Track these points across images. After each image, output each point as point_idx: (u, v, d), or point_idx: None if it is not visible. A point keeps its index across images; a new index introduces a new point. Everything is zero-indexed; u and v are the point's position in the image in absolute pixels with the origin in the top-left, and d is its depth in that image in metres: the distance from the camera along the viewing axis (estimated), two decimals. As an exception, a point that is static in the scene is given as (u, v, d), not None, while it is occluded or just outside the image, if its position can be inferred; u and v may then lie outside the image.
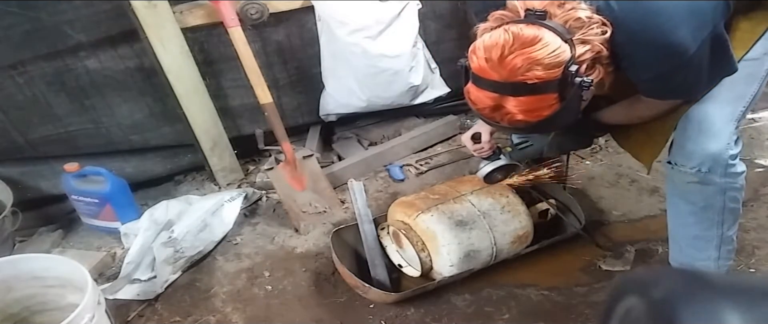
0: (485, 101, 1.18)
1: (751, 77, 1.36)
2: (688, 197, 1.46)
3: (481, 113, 1.23)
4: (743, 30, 1.33)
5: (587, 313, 1.61)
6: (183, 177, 2.46)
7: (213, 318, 1.72)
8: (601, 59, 1.18)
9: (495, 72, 1.13)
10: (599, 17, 1.15)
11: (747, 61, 1.34)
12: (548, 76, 1.11)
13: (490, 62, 1.13)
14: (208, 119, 2.23)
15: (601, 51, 1.16)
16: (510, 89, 1.14)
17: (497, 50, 1.11)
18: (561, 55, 1.11)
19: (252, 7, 2.04)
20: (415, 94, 2.38)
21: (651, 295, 0.48)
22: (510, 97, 1.15)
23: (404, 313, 1.65)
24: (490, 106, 1.19)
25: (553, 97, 1.14)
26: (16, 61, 1.94)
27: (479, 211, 1.70)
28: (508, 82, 1.13)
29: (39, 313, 1.55)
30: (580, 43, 1.13)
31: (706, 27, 1.16)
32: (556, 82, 1.12)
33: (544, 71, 1.10)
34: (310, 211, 2.13)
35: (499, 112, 1.19)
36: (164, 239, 1.87)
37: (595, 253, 1.82)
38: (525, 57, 1.09)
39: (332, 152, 2.53)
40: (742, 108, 1.37)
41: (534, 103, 1.15)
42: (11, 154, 2.12)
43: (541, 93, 1.13)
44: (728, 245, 1.51)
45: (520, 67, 1.10)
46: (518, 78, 1.11)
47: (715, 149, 1.34)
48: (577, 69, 1.12)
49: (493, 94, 1.16)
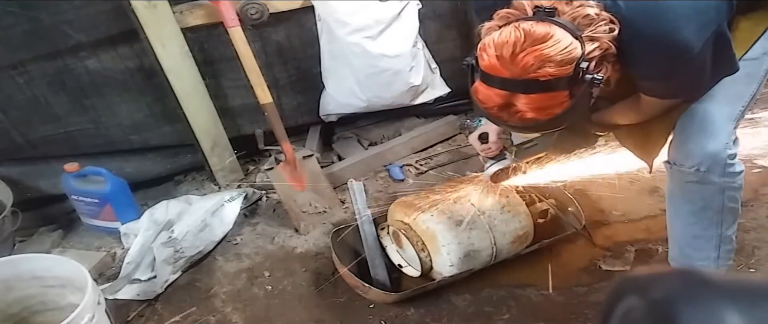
0: (495, 100, 1.17)
1: (751, 77, 1.37)
2: (687, 196, 1.46)
3: (489, 112, 1.21)
4: (743, 30, 1.33)
5: (587, 313, 1.60)
6: (183, 177, 2.46)
7: (213, 318, 1.72)
8: (608, 57, 1.17)
9: (506, 69, 1.12)
10: (607, 14, 1.15)
11: (746, 60, 1.34)
12: (560, 73, 1.10)
13: (501, 60, 1.12)
14: (208, 119, 2.23)
15: (609, 48, 1.15)
16: (521, 87, 1.13)
17: (509, 47, 1.10)
18: (573, 52, 1.10)
19: (252, 7, 2.04)
20: (415, 94, 2.38)
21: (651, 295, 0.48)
22: (521, 95, 1.14)
23: (404, 313, 1.65)
24: (499, 105, 1.17)
25: (564, 94, 1.14)
26: (16, 61, 1.94)
27: (479, 211, 1.70)
28: (519, 80, 1.12)
29: (39, 313, 1.55)
30: (588, 41, 1.12)
31: (711, 26, 1.16)
32: (567, 79, 1.11)
33: (556, 68, 1.10)
34: (310, 211, 2.13)
35: (508, 110, 1.18)
36: (164, 239, 1.87)
37: (595, 253, 1.82)
38: (537, 54, 1.09)
39: (332, 152, 2.53)
40: (741, 107, 1.37)
41: (545, 100, 1.14)
42: (11, 154, 2.12)
43: (552, 90, 1.12)
44: (727, 245, 1.51)
45: (533, 65, 1.09)
46: (530, 75, 1.10)
47: (713, 148, 1.34)
48: (587, 66, 1.11)
49: (503, 92, 1.15)
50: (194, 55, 2.09)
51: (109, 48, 2.02)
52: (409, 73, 2.28)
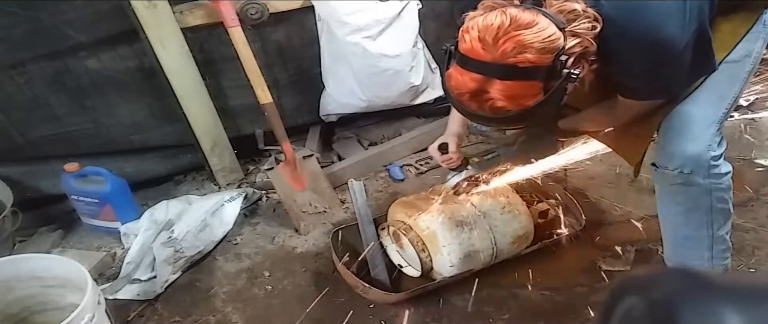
0: (468, 85, 1.15)
1: (733, 79, 1.37)
2: (675, 198, 1.46)
3: (459, 99, 1.19)
4: (724, 31, 1.33)
5: (587, 313, 1.61)
6: (183, 177, 2.46)
7: (213, 318, 1.72)
8: (587, 55, 1.17)
9: (487, 52, 1.11)
10: (592, 12, 1.15)
11: (728, 62, 1.35)
12: (539, 61, 1.10)
13: (483, 42, 1.11)
14: (208, 119, 2.23)
15: (590, 46, 1.15)
16: (498, 71, 1.11)
17: (492, 31, 1.10)
18: (555, 42, 1.10)
19: (252, 7, 2.04)
20: (415, 94, 2.38)
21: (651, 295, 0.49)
22: (496, 81, 1.12)
23: (404, 313, 1.65)
24: (472, 91, 1.15)
25: (539, 85, 1.13)
26: (16, 61, 1.94)
27: (480, 212, 1.70)
28: (497, 64, 1.10)
29: (39, 313, 1.55)
30: (571, 36, 1.13)
31: (693, 23, 1.18)
32: (544, 69, 1.11)
33: (536, 55, 1.09)
34: (310, 211, 2.13)
35: (479, 98, 1.16)
36: (164, 239, 1.87)
37: (595, 253, 1.82)
38: (519, 39, 1.08)
39: (332, 152, 2.53)
40: (724, 109, 1.37)
41: (519, 89, 1.12)
42: (11, 154, 2.12)
43: (528, 79, 1.12)
44: (721, 245, 1.52)
45: (514, 49, 1.08)
46: (509, 60, 1.09)
47: (695, 151, 1.34)
48: (566, 60, 1.11)
49: (479, 77, 1.13)
50: (194, 55, 2.09)
51: (109, 48, 2.02)
52: (409, 73, 2.28)
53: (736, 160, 2.15)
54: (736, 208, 1.62)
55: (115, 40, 2.01)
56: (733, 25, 1.34)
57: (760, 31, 1.35)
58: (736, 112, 2.41)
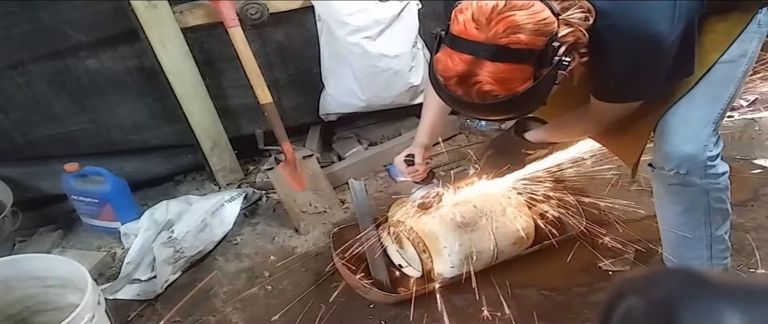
0: (457, 67, 1.12)
1: (728, 79, 1.37)
2: (672, 199, 1.46)
3: (446, 84, 1.16)
4: (719, 32, 1.33)
5: (587, 313, 1.61)
6: (183, 177, 2.46)
7: (213, 318, 1.72)
8: (578, 46, 1.16)
9: (480, 32, 1.09)
10: (586, 3, 1.15)
11: (723, 63, 1.34)
12: (531, 43, 1.08)
13: (476, 22, 1.09)
14: (208, 119, 2.23)
15: (581, 37, 1.15)
16: (490, 52, 1.09)
17: (486, 11, 1.08)
18: (548, 25, 1.09)
19: (252, 7, 2.04)
20: (415, 94, 2.38)
21: (651, 295, 0.49)
22: (486, 62, 1.10)
23: (404, 313, 1.65)
24: (459, 75, 1.13)
25: (529, 70, 1.11)
26: (16, 61, 1.94)
27: (481, 213, 1.70)
28: (489, 44, 1.08)
29: (39, 313, 1.55)
30: (564, 24, 1.12)
31: (681, 22, 1.18)
32: (536, 53, 1.10)
33: (529, 37, 1.07)
34: (310, 211, 2.13)
35: (466, 82, 1.13)
36: (164, 239, 1.87)
37: (595, 253, 1.82)
38: (512, 18, 1.07)
39: (332, 152, 2.53)
40: (720, 110, 1.37)
41: (509, 72, 1.10)
42: (11, 154, 2.12)
43: (519, 62, 1.10)
44: (720, 245, 1.52)
45: (507, 29, 1.07)
46: (501, 40, 1.07)
47: (690, 151, 1.34)
48: (558, 46, 1.10)
49: (469, 58, 1.11)
50: (194, 55, 2.09)
51: (109, 48, 2.02)
52: (409, 73, 2.28)
53: (736, 160, 2.15)
54: (736, 208, 1.62)
55: (115, 40, 2.01)
56: (728, 25, 1.34)
57: (755, 32, 1.35)
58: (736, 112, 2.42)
